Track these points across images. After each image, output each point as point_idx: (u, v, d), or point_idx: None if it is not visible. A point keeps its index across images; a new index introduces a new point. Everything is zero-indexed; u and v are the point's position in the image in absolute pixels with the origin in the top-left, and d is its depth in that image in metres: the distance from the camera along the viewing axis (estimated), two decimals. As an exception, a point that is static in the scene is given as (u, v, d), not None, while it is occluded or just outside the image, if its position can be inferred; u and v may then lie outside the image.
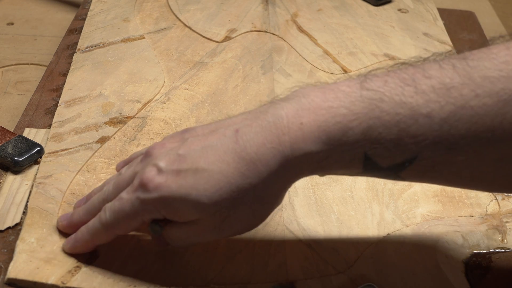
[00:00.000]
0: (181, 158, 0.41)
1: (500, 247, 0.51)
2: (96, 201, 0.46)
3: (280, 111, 0.40)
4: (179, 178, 0.41)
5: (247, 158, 0.40)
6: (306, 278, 0.46)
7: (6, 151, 0.54)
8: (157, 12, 0.79)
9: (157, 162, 0.42)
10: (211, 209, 0.41)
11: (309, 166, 0.40)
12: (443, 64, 0.40)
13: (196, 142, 0.42)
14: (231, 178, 0.40)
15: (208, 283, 0.45)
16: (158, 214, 0.42)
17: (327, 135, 0.39)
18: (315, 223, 0.51)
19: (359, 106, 0.39)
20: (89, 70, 0.67)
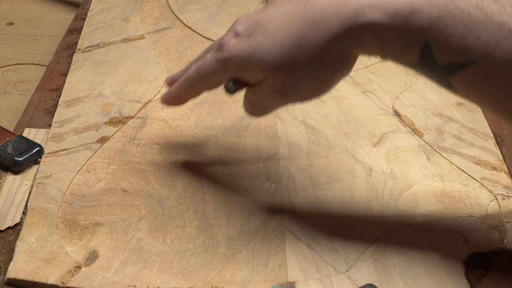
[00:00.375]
0: (256, 23, 0.45)
1: (500, 247, 0.50)
2: (192, 62, 0.52)
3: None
4: (250, 39, 0.45)
5: (311, 19, 0.42)
6: (306, 278, 0.46)
7: (6, 151, 0.54)
8: (157, 12, 0.79)
9: (236, 27, 0.47)
10: (274, 66, 0.44)
11: (371, 37, 0.42)
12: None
13: (273, 8, 0.45)
14: (294, 37, 0.43)
15: (208, 283, 0.45)
16: (231, 73, 0.47)
17: (396, 9, 0.40)
18: (315, 223, 0.51)
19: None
20: (89, 70, 0.67)
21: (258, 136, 0.59)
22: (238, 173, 0.55)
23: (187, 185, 0.53)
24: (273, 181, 0.54)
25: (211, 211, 0.51)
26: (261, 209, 0.52)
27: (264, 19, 0.45)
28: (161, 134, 0.59)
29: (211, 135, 0.59)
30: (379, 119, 0.63)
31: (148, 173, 0.54)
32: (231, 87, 0.48)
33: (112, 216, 0.50)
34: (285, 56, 0.43)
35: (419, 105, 0.65)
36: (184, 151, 0.57)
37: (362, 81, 0.69)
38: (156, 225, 0.50)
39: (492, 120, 0.65)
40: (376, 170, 0.56)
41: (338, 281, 0.46)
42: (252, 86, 0.47)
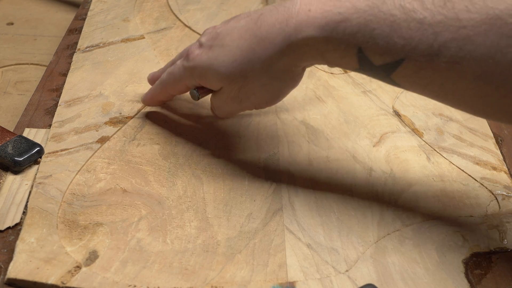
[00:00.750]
0: (216, 35, 0.51)
1: (500, 247, 0.51)
2: (168, 65, 0.59)
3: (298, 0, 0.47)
4: (209, 51, 0.51)
5: (259, 36, 0.48)
6: (306, 278, 0.46)
7: (6, 151, 0.54)
8: (157, 12, 0.79)
9: (201, 38, 0.53)
10: (228, 78, 0.50)
11: (310, 50, 0.47)
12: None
13: (233, 22, 0.51)
14: (244, 52, 0.49)
15: (208, 283, 0.45)
16: (194, 80, 0.53)
17: (327, 22, 0.45)
18: (315, 223, 0.51)
19: (362, 3, 0.44)
20: (89, 70, 0.67)
21: (258, 136, 0.59)
22: (238, 173, 0.55)
23: (187, 185, 0.53)
24: (273, 181, 0.54)
25: (211, 211, 0.51)
26: (261, 209, 0.52)
27: (223, 32, 0.50)
28: (161, 134, 0.59)
29: (211, 135, 0.59)
30: (379, 119, 0.63)
31: (148, 173, 0.54)
32: (195, 94, 0.54)
33: (112, 216, 0.50)
34: (237, 69, 0.49)
35: (419, 105, 0.65)
36: (184, 151, 0.57)
37: (362, 81, 0.69)
38: (156, 225, 0.50)
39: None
40: (376, 170, 0.56)
41: (338, 281, 0.46)
42: (215, 92, 0.54)
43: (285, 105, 0.64)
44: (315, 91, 0.66)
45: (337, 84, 0.68)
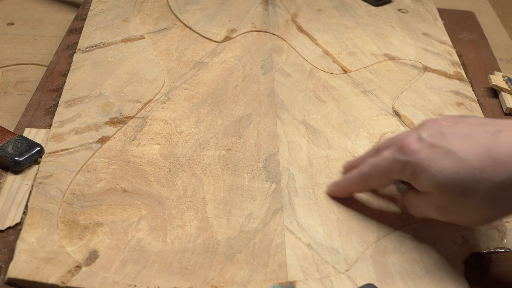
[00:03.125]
0: (441, 136, 0.46)
1: (499, 247, 0.51)
2: (368, 154, 0.53)
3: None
4: (430, 151, 0.45)
5: (494, 156, 0.43)
6: (306, 278, 0.46)
7: (6, 151, 0.54)
8: (157, 12, 0.79)
9: (421, 132, 0.47)
10: (443, 187, 0.44)
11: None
12: None
13: (462, 127, 0.46)
14: (471, 167, 0.43)
15: (208, 283, 0.45)
16: (405, 176, 0.47)
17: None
18: (315, 223, 0.51)
19: None
20: (89, 70, 0.67)
21: (258, 136, 0.59)
22: (238, 173, 0.55)
23: (187, 185, 0.54)
24: (273, 181, 0.54)
25: (211, 211, 0.51)
26: (261, 209, 0.52)
27: (450, 136, 0.45)
28: (161, 134, 0.59)
29: (211, 135, 0.59)
30: (379, 119, 0.63)
31: (148, 173, 0.54)
32: (403, 189, 0.50)
33: (112, 216, 0.50)
34: (456, 183, 0.44)
35: (419, 105, 0.65)
36: (184, 151, 0.57)
37: (362, 81, 0.69)
38: (156, 225, 0.50)
39: (492, 120, 0.65)
40: (376, 170, 0.56)
41: (338, 281, 0.46)
42: (419, 192, 0.48)
43: (285, 105, 0.64)
44: (315, 91, 0.66)
45: (337, 84, 0.68)
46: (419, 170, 0.45)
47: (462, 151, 0.44)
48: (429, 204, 0.47)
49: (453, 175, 0.44)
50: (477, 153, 0.43)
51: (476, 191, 0.43)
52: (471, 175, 0.43)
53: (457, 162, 0.44)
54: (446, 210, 0.46)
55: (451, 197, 0.45)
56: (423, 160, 0.45)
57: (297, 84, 0.67)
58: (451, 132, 0.46)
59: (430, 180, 0.45)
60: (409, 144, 0.46)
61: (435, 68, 0.72)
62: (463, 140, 0.45)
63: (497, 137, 0.44)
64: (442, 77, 0.71)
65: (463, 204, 0.44)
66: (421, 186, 0.46)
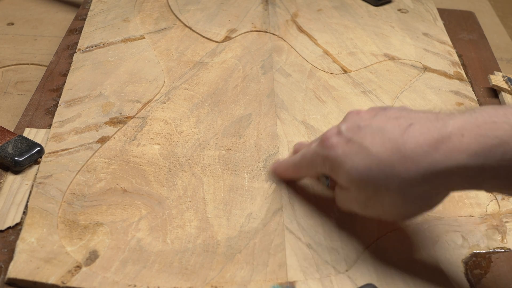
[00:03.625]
0: (357, 130, 0.45)
1: (500, 247, 0.51)
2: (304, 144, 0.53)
3: (450, 120, 0.42)
4: (346, 145, 0.45)
5: (402, 152, 0.42)
6: (306, 278, 0.46)
7: (6, 151, 0.54)
8: (157, 12, 0.79)
9: (341, 125, 0.47)
10: (357, 183, 0.44)
11: (460, 180, 0.42)
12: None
13: (378, 121, 0.45)
14: (382, 164, 0.43)
15: (208, 283, 0.45)
16: (326, 170, 0.47)
17: (483, 149, 0.40)
18: (315, 223, 0.51)
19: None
20: (89, 70, 0.67)
21: (258, 136, 0.59)
22: (238, 173, 0.55)
23: (187, 185, 0.54)
24: (273, 181, 0.54)
25: (211, 211, 0.51)
26: (261, 209, 0.52)
27: (365, 130, 0.45)
28: (161, 134, 0.59)
29: (211, 135, 0.59)
30: (379, 119, 0.63)
31: (148, 173, 0.54)
32: (325, 181, 0.51)
33: (112, 216, 0.50)
34: (369, 180, 0.44)
35: (419, 105, 0.65)
36: (184, 151, 0.57)
37: (362, 81, 0.69)
38: (156, 225, 0.50)
39: (492, 120, 0.65)
40: (376, 170, 0.56)
41: (338, 281, 0.46)
42: (340, 186, 0.48)
43: (285, 105, 0.64)
44: (315, 91, 0.66)
45: (337, 84, 0.68)
46: (336, 165, 0.45)
47: (374, 146, 0.44)
48: (350, 198, 0.47)
49: (366, 172, 0.43)
50: (387, 148, 0.43)
51: (388, 187, 0.43)
52: (382, 172, 0.43)
53: (369, 158, 0.43)
54: (365, 205, 0.46)
55: (366, 193, 0.44)
56: (339, 155, 0.45)
57: (297, 84, 0.67)
58: (367, 126, 0.45)
59: (346, 176, 0.45)
60: (329, 138, 0.46)
61: (435, 68, 0.72)
62: (376, 134, 0.44)
63: (406, 132, 0.43)
64: (442, 77, 0.71)
65: (378, 200, 0.44)
66: (340, 181, 0.46)
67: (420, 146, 0.42)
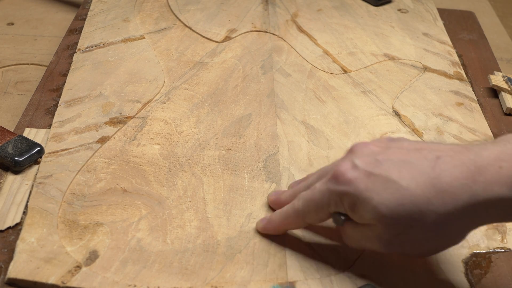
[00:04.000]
0: (377, 163, 0.43)
1: (500, 247, 0.51)
2: (300, 187, 0.48)
3: (483, 151, 0.41)
4: (368, 180, 0.42)
5: (437, 187, 0.40)
6: (306, 278, 0.46)
7: (6, 151, 0.54)
8: (157, 12, 0.79)
9: (354, 159, 0.44)
10: (387, 220, 0.41)
11: (498, 212, 0.41)
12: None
13: (397, 153, 0.43)
14: (416, 199, 0.41)
15: (208, 283, 0.45)
16: (342, 207, 0.44)
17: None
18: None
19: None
20: (89, 70, 0.67)
21: (258, 136, 0.59)
22: (238, 173, 0.55)
23: (187, 185, 0.54)
24: (273, 181, 0.54)
25: (211, 211, 0.51)
26: (261, 209, 0.52)
27: (386, 163, 0.42)
28: (161, 134, 0.59)
29: (211, 135, 0.59)
30: (379, 119, 0.63)
31: (148, 173, 0.54)
32: (340, 220, 0.45)
33: (112, 216, 0.50)
34: (402, 215, 0.41)
35: (419, 105, 0.65)
36: (184, 151, 0.57)
37: (362, 81, 0.69)
38: (156, 225, 0.50)
39: (491, 120, 0.65)
40: (376, 170, 0.56)
41: (338, 281, 0.46)
42: (356, 223, 0.44)
43: (285, 105, 0.64)
44: (315, 91, 0.66)
45: (337, 84, 0.68)
46: (358, 201, 0.42)
47: (403, 179, 0.41)
48: (369, 236, 0.43)
49: (398, 207, 0.41)
50: (419, 182, 0.41)
51: (423, 223, 0.41)
52: (416, 207, 0.41)
53: (400, 192, 0.41)
54: (390, 243, 0.43)
55: (396, 229, 0.42)
56: (362, 191, 0.42)
57: (297, 84, 0.67)
58: (387, 159, 0.43)
59: (372, 212, 0.42)
60: (344, 173, 0.43)
61: (435, 68, 0.72)
62: (402, 168, 0.42)
63: (437, 164, 0.41)
64: (442, 77, 0.71)
65: (409, 236, 0.42)
66: (361, 218, 0.43)
67: (456, 179, 0.40)
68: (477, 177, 0.40)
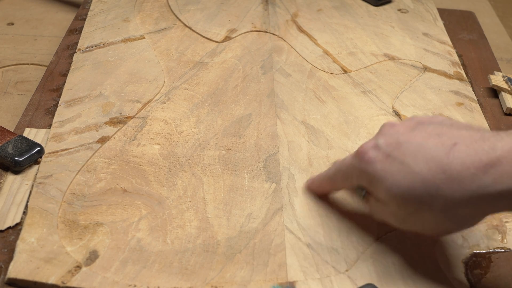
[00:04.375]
0: (397, 145, 0.45)
1: (500, 247, 0.51)
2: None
3: (498, 142, 0.42)
4: (386, 161, 0.45)
5: (448, 173, 0.42)
6: (306, 278, 0.46)
7: (7, 151, 0.54)
8: (157, 12, 0.79)
9: (378, 138, 0.46)
10: (398, 200, 0.44)
11: (508, 204, 0.42)
12: None
13: (418, 136, 0.45)
14: (426, 183, 0.42)
15: (208, 283, 0.45)
16: (362, 183, 0.47)
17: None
18: (315, 223, 0.51)
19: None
20: (89, 70, 0.67)
21: (258, 136, 0.59)
22: (238, 173, 0.55)
23: (187, 185, 0.54)
24: (273, 181, 0.54)
25: (211, 211, 0.51)
26: (261, 209, 0.52)
27: (406, 145, 0.44)
28: (161, 134, 0.59)
29: (211, 135, 0.59)
30: (379, 119, 0.63)
31: (148, 173, 0.54)
32: (361, 194, 0.49)
33: (112, 216, 0.50)
34: (412, 198, 0.43)
35: (419, 105, 0.65)
36: (184, 151, 0.57)
37: (362, 81, 0.69)
38: (156, 225, 0.50)
39: (491, 120, 0.65)
40: (376, 170, 0.56)
41: (338, 281, 0.46)
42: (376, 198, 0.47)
43: (285, 105, 0.64)
44: (315, 91, 0.66)
45: (337, 84, 0.68)
46: (374, 180, 0.45)
47: (417, 164, 0.43)
48: (386, 212, 0.46)
49: (409, 190, 0.43)
50: (431, 168, 0.42)
51: (431, 206, 0.43)
52: (426, 191, 0.42)
53: (412, 176, 0.43)
54: (403, 220, 0.45)
55: (407, 209, 0.44)
56: (378, 171, 0.45)
57: (297, 84, 0.67)
58: (407, 141, 0.45)
59: (386, 192, 0.44)
60: (366, 152, 0.46)
61: (435, 68, 0.72)
62: (418, 152, 0.43)
63: (451, 152, 0.42)
64: (442, 77, 0.71)
65: (419, 217, 0.44)
66: (377, 194, 0.46)
67: (467, 169, 0.41)
68: (488, 169, 0.41)
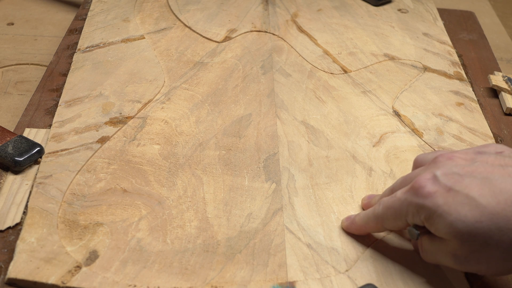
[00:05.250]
0: (458, 178, 0.42)
1: (500, 247, 0.50)
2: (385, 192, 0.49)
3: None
4: (448, 195, 0.42)
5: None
6: (306, 278, 0.46)
7: (6, 151, 0.54)
8: (157, 12, 0.79)
9: (436, 171, 0.43)
10: (463, 236, 0.41)
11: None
12: None
13: (481, 169, 0.43)
14: (495, 216, 0.40)
15: (208, 283, 0.45)
16: (419, 219, 0.44)
17: None
18: (315, 223, 0.51)
19: None
20: (89, 70, 0.67)
21: (258, 136, 0.59)
22: (238, 173, 0.55)
23: (187, 185, 0.54)
24: (273, 181, 0.54)
25: (211, 211, 0.51)
26: (261, 209, 0.52)
27: (469, 179, 0.42)
28: (161, 134, 0.59)
29: (211, 135, 0.59)
30: (379, 119, 0.63)
31: (148, 173, 0.54)
32: (415, 234, 0.45)
33: (112, 216, 0.50)
34: (479, 232, 0.41)
35: (419, 105, 0.65)
36: (184, 151, 0.57)
37: (362, 81, 0.69)
38: (156, 225, 0.50)
39: (491, 120, 0.65)
40: (376, 170, 0.56)
41: (338, 281, 0.46)
42: (434, 238, 0.44)
43: (285, 105, 0.64)
44: (315, 91, 0.66)
45: (337, 84, 0.68)
46: (435, 215, 0.42)
47: (483, 197, 0.41)
48: (445, 251, 0.43)
49: (475, 224, 0.41)
50: (500, 201, 0.40)
51: (501, 241, 0.40)
52: (495, 225, 0.40)
53: (479, 209, 0.41)
54: (465, 260, 0.42)
55: (472, 247, 0.41)
56: (440, 205, 0.42)
57: (297, 84, 0.67)
58: (469, 174, 0.42)
59: (448, 227, 0.41)
60: (424, 186, 0.43)
61: (435, 68, 0.72)
62: (484, 184, 0.41)
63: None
64: (442, 77, 0.71)
65: (486, 254, 0.41)
66: (438, 232, 0.43)
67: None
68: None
